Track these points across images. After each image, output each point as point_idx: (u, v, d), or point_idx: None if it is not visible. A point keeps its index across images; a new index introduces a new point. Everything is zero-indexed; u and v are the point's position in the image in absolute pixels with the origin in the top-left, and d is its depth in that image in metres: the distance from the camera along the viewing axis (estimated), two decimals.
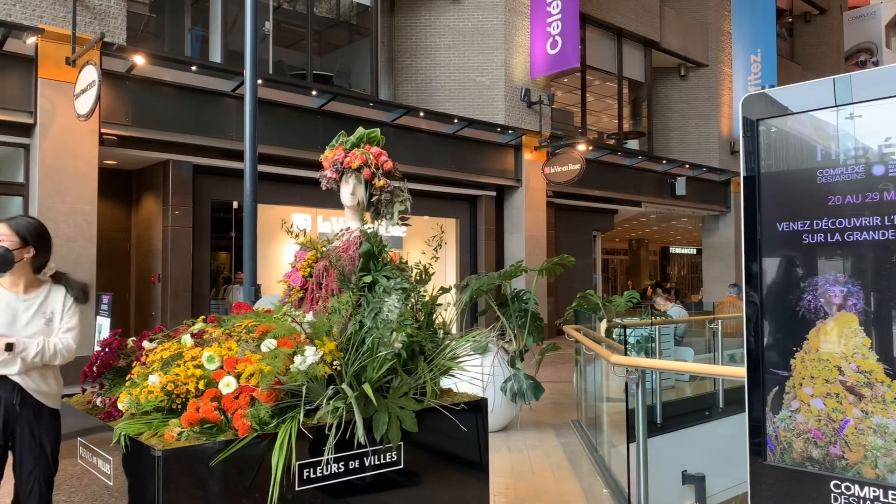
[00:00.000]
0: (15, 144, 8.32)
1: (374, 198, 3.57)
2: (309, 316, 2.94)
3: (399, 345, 2.77)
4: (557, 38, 13.12)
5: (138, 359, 3.00)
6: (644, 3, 16.79)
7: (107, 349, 3.12)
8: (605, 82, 17.02)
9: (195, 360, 2.70)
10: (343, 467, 2.70)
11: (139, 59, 8.64)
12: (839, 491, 2.21)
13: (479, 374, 3.53)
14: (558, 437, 6.62)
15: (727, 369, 6.33)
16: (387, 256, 3.12)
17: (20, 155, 8.42)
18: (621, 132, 16.98)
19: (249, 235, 5.82)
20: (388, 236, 3.32)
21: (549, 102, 13.62)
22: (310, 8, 11.83)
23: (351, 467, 2.73)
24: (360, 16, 13.45)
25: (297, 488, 2.58)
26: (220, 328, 3.07)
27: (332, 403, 2.60)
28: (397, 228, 3.74)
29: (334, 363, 2.68)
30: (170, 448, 2.37)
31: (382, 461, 2.81)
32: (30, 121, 8.21)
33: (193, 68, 9.45)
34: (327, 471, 2.65)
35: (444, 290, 3.35)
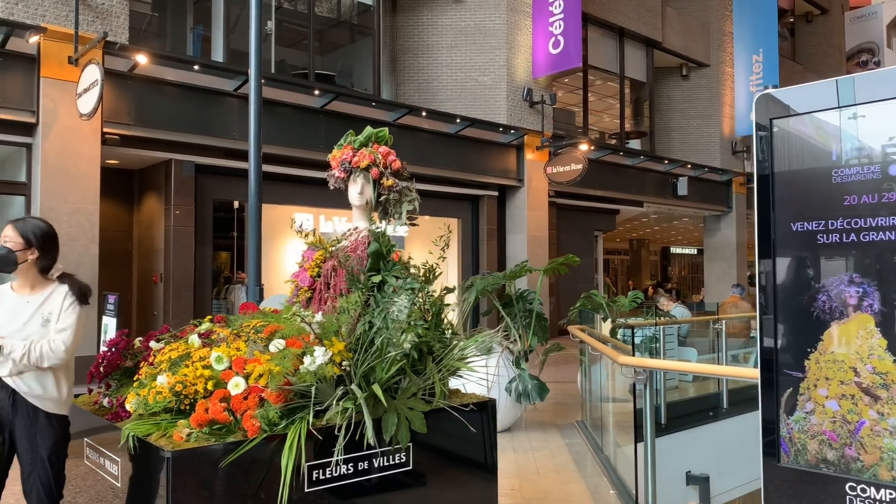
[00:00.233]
0: (17, 144, 8.29)
1: (383, 197, 3.55)
2: (318, 316, 2.92)
3: (408, 345, 2.76)
4: (559, 37, 13.11)
5: (145, 359, 2.98)
6: (646, 3, 16.76)
7: (113, 349, 3.11)
8: (606, 82, 17.00)
9: (203, 361, 2.68)
10: (352, 468, 2.69)
11: (141, 59, 8.62)
12: (854, 493, 2.20)
13: (486, 374, 3.51)
14: (563, 437, 6.60)
15: (735, 370, 6.32)
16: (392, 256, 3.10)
17: (22, 154, 8.40)
18: (623, 132, 16.95)
19: (254, 235, 5.77)
20: (391, 236, 3.29)
21: (551, 102, 13.60)
22: (311, 7, 11.81)
23: (360, 468, 2.71)
24: (361, 15, 13.43)
25: (306, 489, 2.56)
26: (228, 328, 3.06)
27: (341, 404, 2.59)
28: (401, 228, 3.72)
29: (343, 364, 2.66)
30: (179, 449, 2.36)
31: (391, 462, 2.80)
32: (32, 120, 8.18)
33: (196, 68, 9.43)
34: (336, 472, 2.64)
35: (449, 290, 3.33)
